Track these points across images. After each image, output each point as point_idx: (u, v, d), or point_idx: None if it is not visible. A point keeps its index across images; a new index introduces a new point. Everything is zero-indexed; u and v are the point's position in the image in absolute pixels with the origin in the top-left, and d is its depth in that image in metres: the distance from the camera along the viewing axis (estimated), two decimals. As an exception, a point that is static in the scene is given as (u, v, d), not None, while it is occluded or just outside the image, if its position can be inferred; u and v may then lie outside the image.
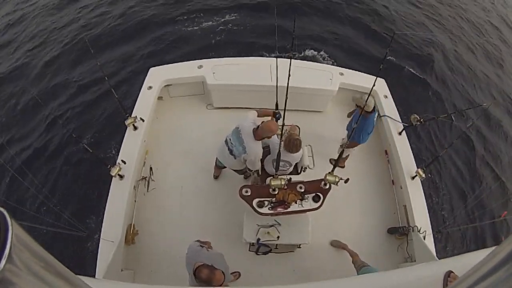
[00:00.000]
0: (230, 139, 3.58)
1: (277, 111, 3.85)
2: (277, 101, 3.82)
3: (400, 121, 4.59)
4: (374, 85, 3.38)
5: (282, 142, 3.26)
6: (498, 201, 6.35)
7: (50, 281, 0.56)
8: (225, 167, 3.94)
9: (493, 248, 0.88)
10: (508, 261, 0.77)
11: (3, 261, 0.45)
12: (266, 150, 3.83)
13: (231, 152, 3.58)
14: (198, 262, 2.55)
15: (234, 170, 3.93)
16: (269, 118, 3.81)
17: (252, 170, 3.74)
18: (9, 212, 0.50)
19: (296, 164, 4.01)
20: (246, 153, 3.44)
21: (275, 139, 3.61)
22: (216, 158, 3.95)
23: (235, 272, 3.78)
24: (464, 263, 1.82)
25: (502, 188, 6.65)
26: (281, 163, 3.45)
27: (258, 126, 3.41)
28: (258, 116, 3.65)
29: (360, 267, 3.30)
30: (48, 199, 4.98)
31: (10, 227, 0.48)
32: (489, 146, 7.25)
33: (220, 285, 2.51)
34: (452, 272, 1.68)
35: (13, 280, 0.48)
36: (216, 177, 4.45)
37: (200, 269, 2.47)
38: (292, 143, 3.39)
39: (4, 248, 0.45)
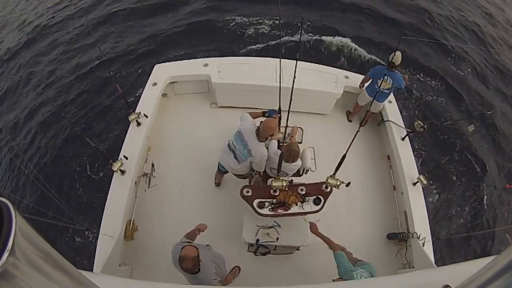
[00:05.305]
0: (233, 143, 3.50)
1: (265, 110, 3.75)
2: (280, 102, 3.75)
3: (404, 127, 4.57)
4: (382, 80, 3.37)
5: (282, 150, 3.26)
6: (500, 210, 6.31)
7: (52, 274, 0.57)
8: (227, 171, 3.87)
9: (492, 257, 0.88)
10: (507, 271, 0.76)
11: (6, 254, 0.45)
12: None
13: (235, 156, 3.52)
14: None
15: (236, 175, 3.88)
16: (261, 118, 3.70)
17: (257, 171, 3.70)
18: (13, 204, 0.51)
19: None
20: (252, 156, 3.39)
21: (272, 147, 3.58)
22: (219, 163, 3.87)
23: (234, 267, 3.78)
24: (463, 271, 1.81)
25: (504, 196, 6.61)
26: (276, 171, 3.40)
27: (259, 128, 3.36)
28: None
29: (356, 261, 3.21)
30: (48, 190, 5.01)
31: (14, 220, 0.48)
32: (492, 153, 7.20)
33: (194, 265, 2.51)
34: (449, 286, 1.66)
35: (15, 273, 0.48)
36: (217, 184, 4.35)
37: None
38: (289, 153, 3.31)
39: (7, 241, 0.45)
